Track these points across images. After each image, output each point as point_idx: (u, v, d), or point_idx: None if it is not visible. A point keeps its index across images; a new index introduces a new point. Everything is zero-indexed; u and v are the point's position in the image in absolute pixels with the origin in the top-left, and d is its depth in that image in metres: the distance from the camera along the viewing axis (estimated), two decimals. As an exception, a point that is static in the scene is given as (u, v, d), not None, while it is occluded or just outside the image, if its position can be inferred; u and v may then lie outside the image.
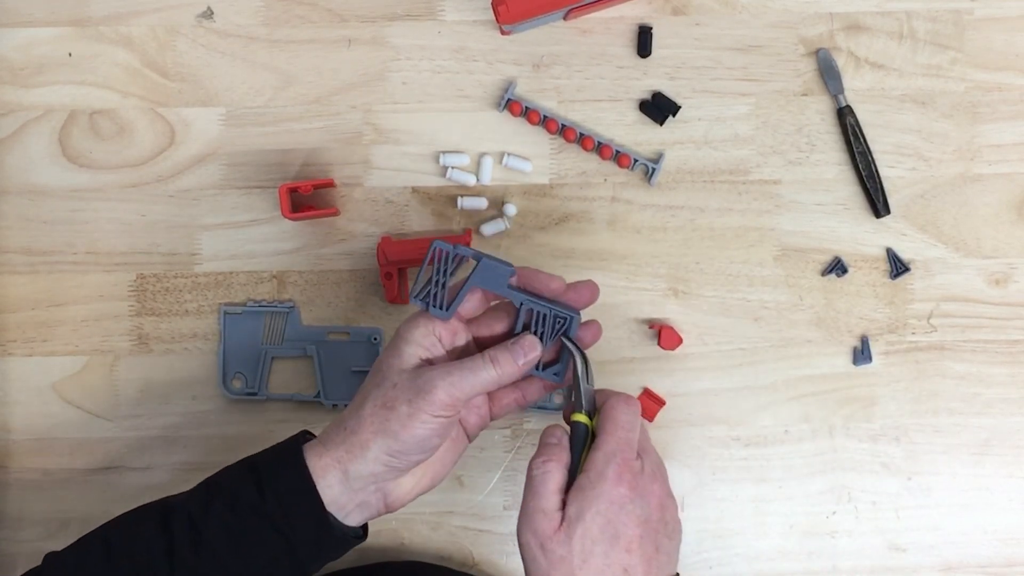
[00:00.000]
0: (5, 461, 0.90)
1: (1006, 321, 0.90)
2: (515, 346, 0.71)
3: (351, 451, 0.69)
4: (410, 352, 0.70)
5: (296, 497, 0.68)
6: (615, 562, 0.66)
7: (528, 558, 0.68)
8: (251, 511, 0.68)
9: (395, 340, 0.72)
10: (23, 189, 0.90)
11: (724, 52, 0.89)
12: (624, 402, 0.71)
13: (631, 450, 0.69)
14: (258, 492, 0.69)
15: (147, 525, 0.70)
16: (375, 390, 0.70)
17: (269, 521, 0.68)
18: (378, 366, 0.71)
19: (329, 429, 0.71)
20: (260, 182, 0.90)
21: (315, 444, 0.71)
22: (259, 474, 0.70)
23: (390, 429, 0.68)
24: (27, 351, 0.90)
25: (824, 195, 0.90)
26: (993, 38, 0.90)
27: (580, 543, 0.66)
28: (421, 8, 0.89)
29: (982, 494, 0.90)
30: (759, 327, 0.90)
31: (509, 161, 0.89)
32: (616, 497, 0.67)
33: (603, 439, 0.69)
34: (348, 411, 0.71)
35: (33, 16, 0.89)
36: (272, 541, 0.68)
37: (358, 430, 0.69)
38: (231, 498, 0.69)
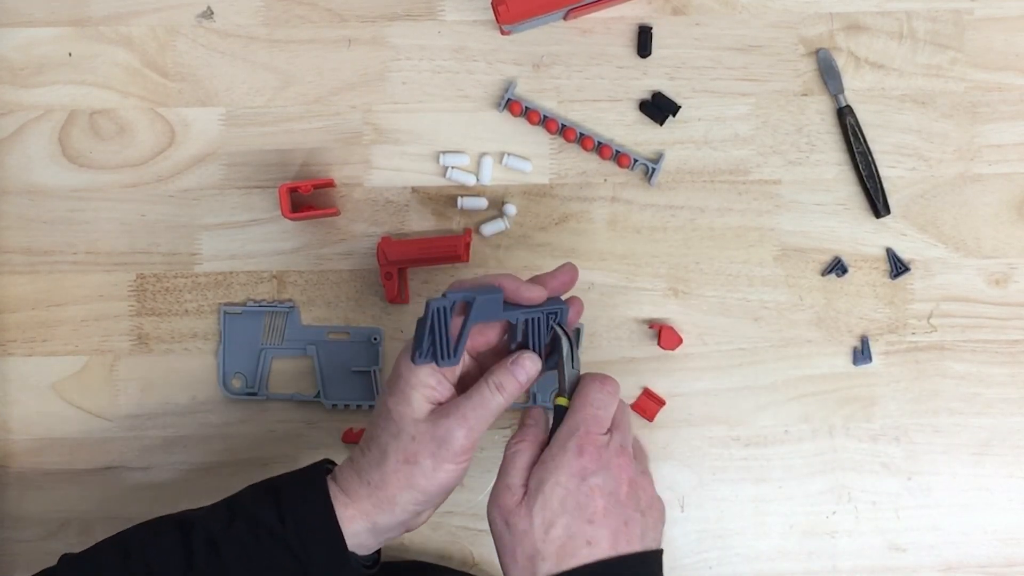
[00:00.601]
0: (5, 461, 0.90)
1: (1006, 321, 0.90)
2: (515, 367, 0.70)
3: (379, 506, 0.69)
4: (419, 397, 0.69)
5: (317, 531, 0.68)
6: (577, 533, 0.66)
7: (496, 535, 0.68)
8: (270, 535, 0.68)
9: (399, 383, 0.69)
10: (23, 189, 0.90)
11: (724, 52, 0.89)
12: (598, 381, 0.70)
13: (598, 425, 0.69)
14: (279, 518, 0.69)
15: (166, 537, 0.70)
16: (393, 442, 0.69)
17: (287, 548, 0.68)
18: (387, 412, 0.69)
19: (349, 477, 0.70)
20: (260, 182, 0.90)
21: (338, 492, 0.70)
22: (281, 500, 0.70)
23: (417, 484, 0.68)
24: (27, 351, 0.90)
25: (824, 195, 0.90)
26: (993, 38, 0.90)
27: (540, 515, 0.66)
28: (421, 8, 0.89)
29: (982, 494, 0.90)
30: (759, 327, 0.90)
31: (509, 161, 0.89)
32: (576, 469, 0.67)
33: (569, 415, 0.69)
34: (367, 462, 0.70)
35: (33, 16, 0.89)
36: (289, 567, 0.68)
37: (383, 486, 0.69)
38: (251, 520, 0.69)
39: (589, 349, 0.90)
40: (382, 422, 0.70)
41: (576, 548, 0.66)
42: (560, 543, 0.66)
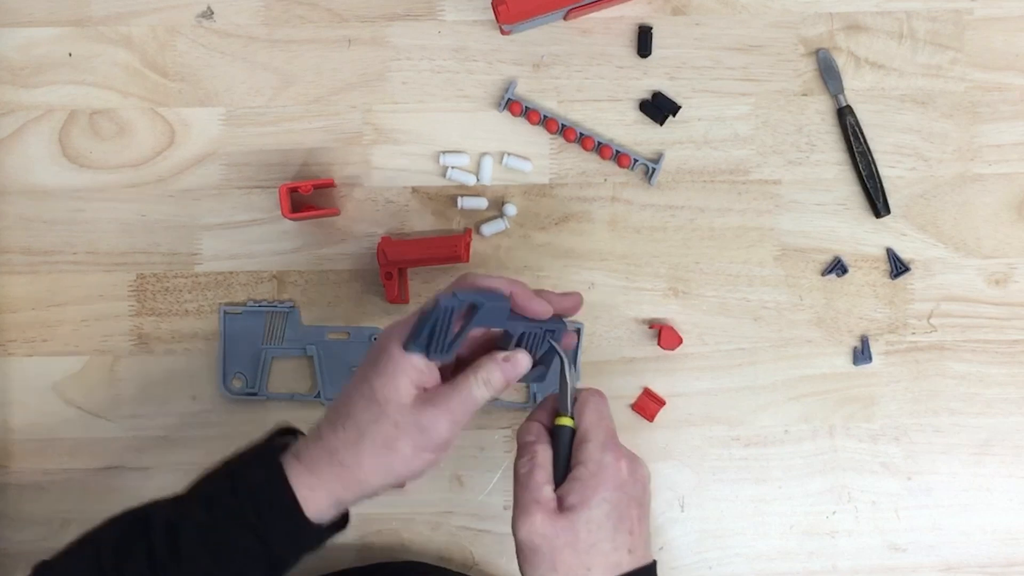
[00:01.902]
0: (5, 461, 0.90)
1: (1006, 321, 0.90)
2: (508, 365, 0.70)
3: (348, 487, 0.68)
4: (406, 382, 0.67)
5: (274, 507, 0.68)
6: (621, 545, 0.67)
7: (528, 550, 0.68)
8: (225, 514, 0.68)
9: (388, 365, 0.67)
10: (23, 189, 0.90)
11: (724, 52, 0.89)
12: (598, 395, 0.72)
13: (616, 437, 0.70)
14: (233, 496, 0.68)
15: (130, 532, 0.69)
16: (374, 425, 0.67)
17: (247, 526, 0.68)
18: (370, 392, 0.68)
19: (316, 456, 0.68)
20: (260, 182, 0.90)
21: (302, 471, 0.68)
22: (235, 479, 0.69)
23: (393, 469, 0.68)
24: (27, 351, 0.90)
25: (824, 195, 0.90)
26: (993, 38, 0.90)
27: (586, 529, 0.66)
28: (421, 8, 0.89)
29: (982, 494, 0.90)
30: (759, 327, 0.90)
31: (509, 161, 0.89)
32: (618, 482, 0.68)
33: (591, 431, 0.69)
34: (340, 441, 0.68)
35: (33, 16, 0.89)
36: (250, 546, 0.68)
37: (356, 467, 0.67)
38: (206, 501, 0.69)
39: (589, 349, 0.90)
40: (362, 402, 0.68)
41: (620, 559, 0.67)
42: (606, 555, 0.67)
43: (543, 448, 0.70)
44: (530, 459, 0.70)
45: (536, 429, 0.71)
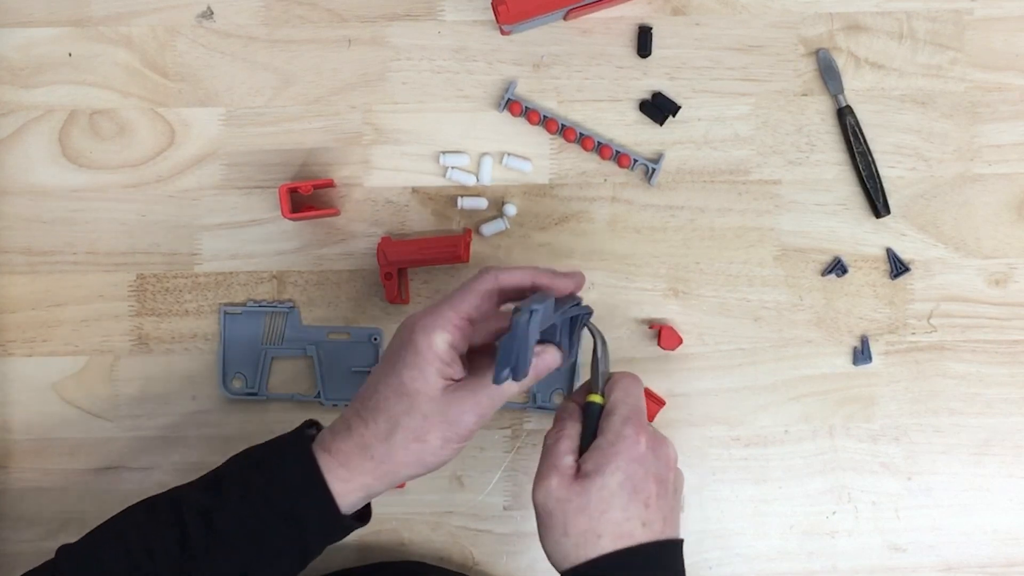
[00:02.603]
0: (5, 461, 0.90)
1: (1006, 321, 0.90)
2: (538, 360, 0.70)
3: (380, 478, 0.69)
4: (434, 373, 0.68)
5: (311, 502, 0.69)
6: (634, 515, 0.69)
7: (544, 515, 0.70)
8: (263, 504, 0.69)
9: (415, 355, 0.68)
10: (23, 189, 0.90)
11: (724, 52, 0.89)
12: (631, 376, 0.74)
13: (644, 416, 0.72)
14: (268, 485, 0.69)
15: (159, 517, 0.70)
16: (405, 418, 0.68)
17: (280, 514, 0.69)
18: (399, 385, 0.68)
19: (348, 450, 0.69)
20: (260, 182, 0.90)
21: (335, 465, 0.69)
22: (270, 474, 0.70)
23: (424, 461, 0.69)
24: (27, 351, 0.90)
25: (824, 195, 0.90)
26: (993, 38, 0.90)
27: (598, 495, 0.68)
28: (421, 8, 0.89)
29: (982, 494, 0.90)
30: (759, 327, 0.90)
31: (509, 161, 0.89)
32: (636, 455, 0.69)
33: (617, 405, 0.72)
34: (372, 434, 0.69)
35: (33, 16, 0.89)
36: (283, 531, 0.69)
37: (388, 460, 0.69)
38: (241, 491, 0.70)
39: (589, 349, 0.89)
40: (392, 395, 0.69)
41: (632, 529, 0.69)
42: (617, 523, 0.68)
43: (572, 423, 0.73)
44: (558, 431, 0.72)
45: (571, 407, 0.74)
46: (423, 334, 0.69)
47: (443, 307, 0.69)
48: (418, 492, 0.90)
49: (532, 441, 0.90)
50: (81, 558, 0.70)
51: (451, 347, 0.69)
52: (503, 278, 0.71)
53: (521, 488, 0.90)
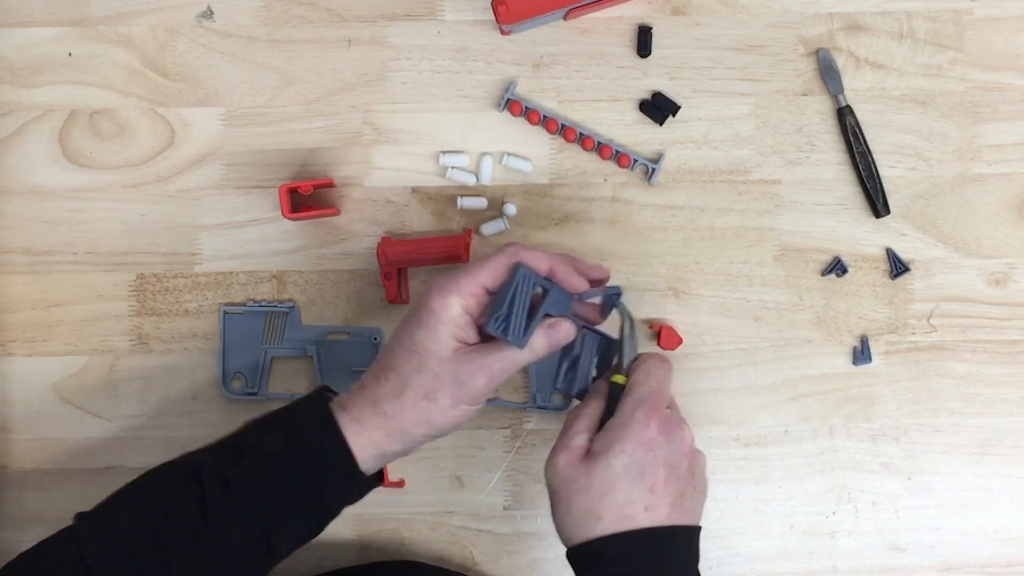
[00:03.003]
0: (5, 461, 0.90)
1: (1006, 321, 0.90)
2: (551, 331, 0.72)
3: (391, 435, 0.70)
4: (447, 334, 0.70)
5: (328, 455, 0.69)
6: (637, 499, 0.69)
7: (551, 492, 0.71)
8: (280, 466, 0.69)
9: (430, 319, 0.70)
10: (23, 189, 0.90)
11: (724, 52, 0.89)
12: (658, 358, 0.74)
13: (661, 399, 0.72)
14: (289, 448, 0.70)
15: (178, 481, 0.70)
16: (415, 376, 0.69)
17: (300, 475, 0.69)
18: (412, 344, 0.70)
19: (361, 406, 0.70)
20: (260, 182, 0.90)
21: (349, 421, 0.70)
22: (287, 430, 0.71)
23: (432, 420, 0.70)
24: (27, 351, 0.90)
25: (824, 195, 0.90)
26: (993, 38, 0.90)
27: (602, 476, 0.69)
28: (421, 8, 0.89)
29: (982, 494, 0.90)
30: (759, 327, 0.90)
31: (509, 161, 0.89)
32: (645, 438, 0.69)
33: (634, 387, 0.72)
34: (383, 392, 0.70)
35: (33, 16, 0.89)
36: (302, 495, 0.69)
37: (398, 416, 0.70)
38: (260, 453, 0.70)
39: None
40: (404, 354, 0.70)
41: (634, 513, 0.68)
42: (619, 506, 0.68)
43: (596, 401, 0.73)
44: (580, 408, 0.73)
45: (600, 386, 0.75)
46: (438, 296, 0.70)
47: (460, 274, 0.71)
48: (418, 492, 0.90)
49: (532, 441, 0.90)
50: (100, 523, 0.70)
51: (465, 311, 0.70)
52: (524, 255, 0.72)
53: (521, 488, 0.90)
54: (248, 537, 0.69)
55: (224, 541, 0.68)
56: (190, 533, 0.68)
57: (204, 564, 0.68)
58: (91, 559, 0.68)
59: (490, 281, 0.71)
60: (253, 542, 0.69)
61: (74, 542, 0.69)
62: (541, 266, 0.72)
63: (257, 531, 0.69)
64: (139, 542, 0.68)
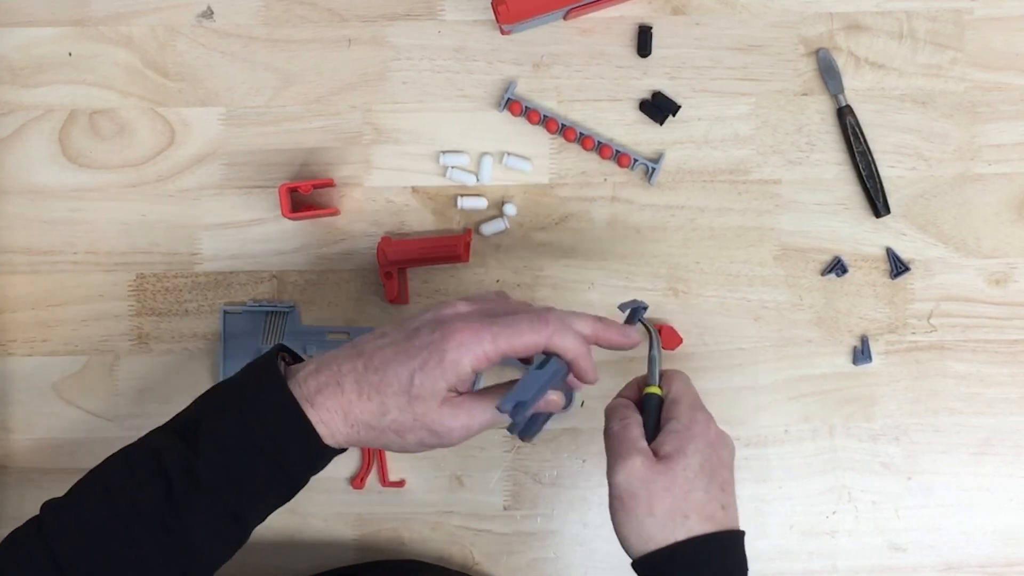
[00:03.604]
0: (5, 461, 0.90)
1: (1006, 321, 0.90)
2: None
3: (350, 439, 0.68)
4: (443, 386, 0.66)
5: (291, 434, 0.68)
6: (714, 498, 0.70)
7: (627, 496, 0.69)
8: (246, 450, 0.68)
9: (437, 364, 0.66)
10: (23, 189, 0.90)
11: (724, 52, 0.89)
12: (684, 374, 0.76)
13: (702, 403, 0.74)
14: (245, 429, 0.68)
15: (141, 471, 0.69)
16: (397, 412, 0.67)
17: (264, 456, 0.68)
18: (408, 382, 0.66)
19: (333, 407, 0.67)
20: (260, 182, 0.90)
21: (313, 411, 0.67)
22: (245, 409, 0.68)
23: (392, 447, 0.69)
24: (27, 351, 0.90)
25: (824, 195, 0.90)
26: (993, 38, 0.90)
27: (683, 475, 0.69)
28: (421, 8, 0.89)
29: (982, 494, 0.90)
30: (759, 327, 0.90)
31: (509, 161, 0.89)
32: (711, 438, 0.71)
33: (682, 395, 0.73)
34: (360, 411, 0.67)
35: (33, 16, 0.89)
36: (268, 472, 0.68)
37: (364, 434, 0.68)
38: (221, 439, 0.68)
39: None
40: (397, 387, 0.67)
41: (715, 511, 0.69)
42: (702, 505, 0.69)
43: (633, 412, 0.73)
44: (622, 418, 0.72)
45: (625, 401, 0.74)
46: (456, 350, 0.66)
47: (488, 333, 0.66)
48: (418, 492, 0.90)
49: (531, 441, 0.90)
50: (68, 521, 0.69)
51: (474, 371, 0.67)
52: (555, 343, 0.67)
53: (521, 488, 0.90)
54: (219, 520, 0.68)
55: (195, 527, 0.67)
56: (159, 523, 0.67)
57: (178, 550, 0.67)
58: (62, 558, 0.67)
59: (513, 354, 0.67)
60: (225, 523, 0.68)
61: (42, 539, 0.68)
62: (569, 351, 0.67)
63: (228, 513, 0.68)
64: (108, 536, 0.67)
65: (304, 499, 0.89)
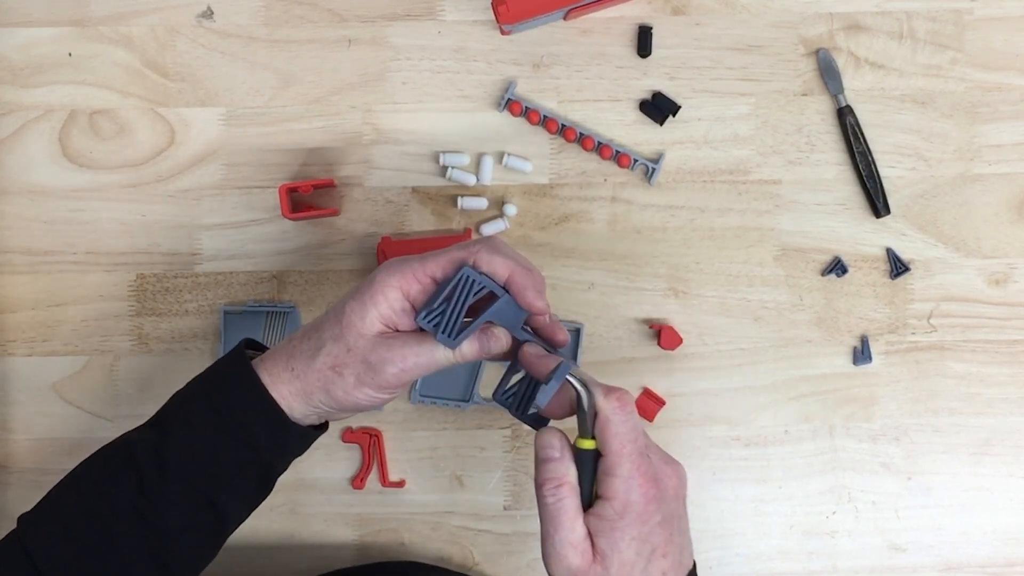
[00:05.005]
0: (5, 461, 0.90)
1: (1006, 321, 0.90)
2: (483, 336, 0.69)
3: (295, 395, 0.69)
4: (375, 315, 0.68)
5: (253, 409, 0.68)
6: (654, 572, 0.65)
7: None
8: (208, 424, 0.68)
9: (365, 290, 0.68)
10: (23, 189, 0.90)
11: (724, 52, 0.89)
12: (616, 403, 0.65)
13: (643, 459, 0.65)
14: (214, 410, 0.69)
15: (113, 464, 0.69)
16: (330, 344, 0.68)
17: (230, 435, 0.68)
18: (340, 312, 0.68)
19: (277, 358, 0.69)
20: (260, 182, 0.90)
21: (265, 375, 0.69)
22: (210, 393, 0.70)
23: (332, 393, 0.68)
24: (27, 351, 0.90)
25: (824, 195, 0.90)
26: (993, 38, 0.90)
27: (618, 571, 0.64)
28: (421, 8, 0.89)
29: (982, 494, 0.90)
30: (759, 327, 0.90)
31: (509, 161, 0.89)
32: (646, 517, 0.64)
33: (614, 461, 0.64)
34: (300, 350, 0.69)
35: (33, 16, 0.89)
36: (237, 453, 0.68)
37: (304, 378, 0.68)
38: (185, 416, 0.69)
39: (589, 349, 0.90)
40: (332, 318, 0.69)
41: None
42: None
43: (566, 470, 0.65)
44: (556, 486, 0.65)
45: (559, 442, 0.66)
46: (382, 274, 0.68)
47: (413, 259, 0.69)
48: (418, 492, 0.90)
49: (531, 441, 0.90)
50: (44, 523, 0.69)
51: (404, 296, 0.68)
52: (483, 256, 0.68)
53: (521, 488, 0.90)
54: (193, 507, 0.68)
55: (170, 516, 0.67)
56: (133, 513, 0.67)
57: (154, 542, 0.67)
58: (39, 559, 0.67)
59: (440, 273, 0.68)
60: (200, 511, 0.68)
61: (19, 544, 0.68)
62: (499, 271, 0.68)
63: (202, 499, 0.68)
64: (83, 532, 0.67)
65: (304, 499, 0.90)
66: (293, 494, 0.89)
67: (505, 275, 0.68)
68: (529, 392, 0.72)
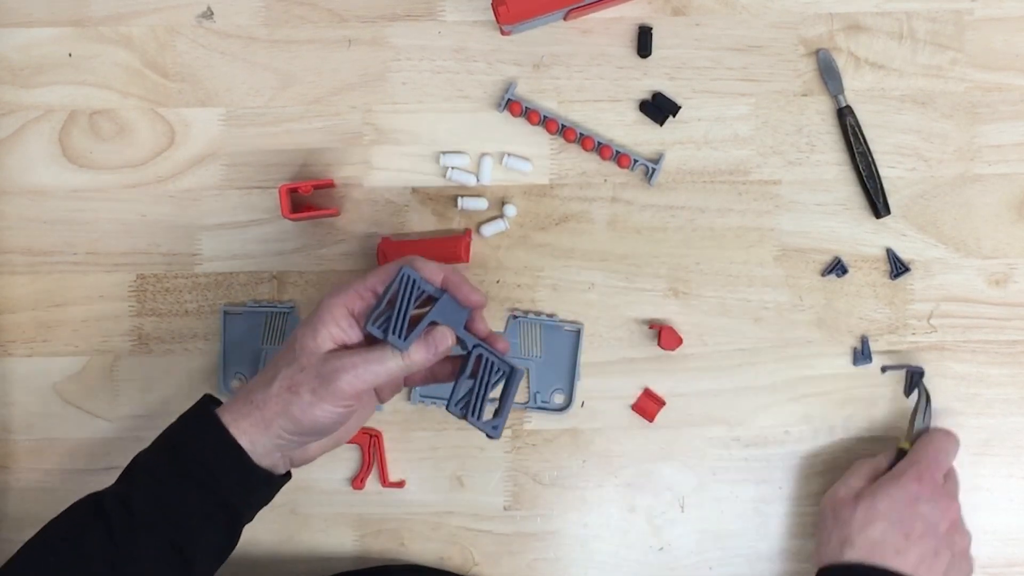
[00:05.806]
0: (5, 461, 0.90)
1: (1006, 321, 0.90)
2: (428, 337, 0.72)
3: (256, 425, 0.70)
4: (325, 334, 0.71)
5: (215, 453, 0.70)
6: (890, 540, 0.76)
7: (821, 520, 0.82)
8: (173, 472, 0.70)
9: (313, 314, 0.72)
10: (23, 189, 0.90)
11: (724, 52, 0.89)
12: (945, 431, 0.84)
13: (937, 465, 0.81)
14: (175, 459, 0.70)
15: (81, 517, 0.70)
16: (285, 368, 0.71)
17: (194, 480, 0.69)
18: (292, 340, 0.72)
19: (238, 397, 0.72)
20: (260, 182, 0.90)
21: (227, 416, 0.71)
22: (175, 442, 0.72)
23: (291, 414, 0.70)
24: (27, 351, 0.90)
25: (824, 195, 0.90)
26: (993, 38, 0.90)
27: (863, 513, 0.78)
28: (421, 8, 0.89)
29: (982, 494, 0.90)
30: (759, 327, 0.90)
31: (509, 161, 0.89)
32: (911, 491, 0.78)
33: (914, 452, 0.82)
34: (258, 381, 0.72)
35: (33, 16, 0.89)
36: (200, 498, 0.69)
37: (263, 407, 0.70)
38: (152, 466, 0.71)
39: (589, 349, 0.90)
40: (285, 348, 0.72)
41: (884, 551, 0.77)
42: (872, 542, 0.77)
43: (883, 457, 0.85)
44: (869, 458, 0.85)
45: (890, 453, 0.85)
46: (326, 297, 0.72)
47: (354, 279, 0.73)
48: (418, 492, 0.90)
49: (532, 441, 0.90)
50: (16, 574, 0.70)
51: (350, 313, 0.71)
52: (416, 263, 0.73)
53: (521, 488, 0.90)
54: (160, 554, 0.69)
55: (138, 561, 0.68)
56: (103, 561, 0.68)
57: None
58: None
59: (380, 285, 0.72)
60: (167, 558, 0.69)
61: None
62: (434, 275, 0.73)
63: (168, 545, 0.69)
64: None
65: (304, 500, 0.90)
66: (293, 494, 0.89)
67: (440, 277, 0.73)
68: (479, 397, 0.75)
